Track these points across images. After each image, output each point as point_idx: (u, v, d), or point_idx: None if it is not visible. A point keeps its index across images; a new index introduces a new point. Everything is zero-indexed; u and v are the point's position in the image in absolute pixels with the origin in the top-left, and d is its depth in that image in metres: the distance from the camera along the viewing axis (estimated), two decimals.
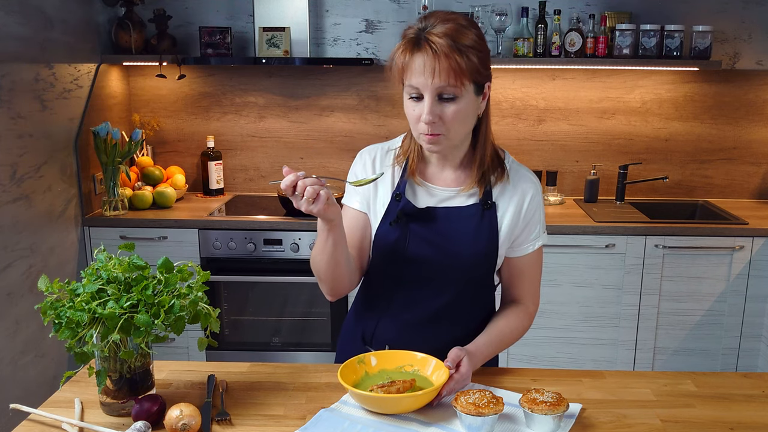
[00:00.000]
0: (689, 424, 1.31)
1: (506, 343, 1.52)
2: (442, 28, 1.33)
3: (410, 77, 1.35)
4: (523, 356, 3.02)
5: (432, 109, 1.35)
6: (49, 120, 2.72)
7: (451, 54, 1.32)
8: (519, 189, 1.50)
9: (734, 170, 3.39)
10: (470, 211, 1.47)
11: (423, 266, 1.48)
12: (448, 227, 1.47)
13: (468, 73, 1.34)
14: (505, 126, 3.40)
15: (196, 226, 2.95)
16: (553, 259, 2.91)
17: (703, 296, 2.94)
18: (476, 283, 1.54)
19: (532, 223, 1.51)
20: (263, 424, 1.30)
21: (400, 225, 1.47)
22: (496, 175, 1.49)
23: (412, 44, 1.35)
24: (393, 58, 1.39)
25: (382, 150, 1.55)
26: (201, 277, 1.37)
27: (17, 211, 2.52)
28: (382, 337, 1.54)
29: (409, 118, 1.41)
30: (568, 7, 3.22)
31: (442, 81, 1.33)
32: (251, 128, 3.46)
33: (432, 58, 1.32)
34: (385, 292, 1.55)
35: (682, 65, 3.11)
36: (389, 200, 1.50)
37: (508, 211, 1.49)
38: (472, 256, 1.47)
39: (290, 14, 3.17)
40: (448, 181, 1.51)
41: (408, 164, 1.51)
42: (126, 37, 3.17)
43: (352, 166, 1.58)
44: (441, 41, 1.32)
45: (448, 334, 1.51)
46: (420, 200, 1.50)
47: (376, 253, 1.52)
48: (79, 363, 1.28)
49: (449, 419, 1.30)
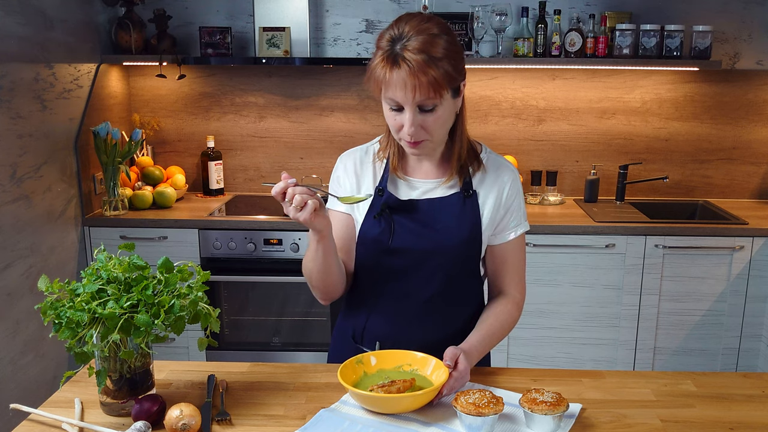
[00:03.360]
0: (689, 424, 1.31)
1: (498, 337, 1.54)
2: (416, 43, 1.33)
3: (389, 91, 1.36)
4: (523, 356, 3.02)
5: (413, 121, 1.37)
6: (49, 120, 2.72)
7: (428, 70, 1.32)
8: (498, 177, 1.54)
9: (734, 170, 3.39)
10: (452, 200, 1.50)
11: (409, 256, 1.50)
12: (432, 217, 1.50)
13: (445, 84, 1.35)
14: (505, 126, 3.40)
15: (196, 226, 2.95)
16: (553, 259, 2.91)
17: (703, 296, 2.94)
18: (463, 273, 1.55)
19: (512, 210, 1.54)
20: (263, 424, 1.30)
21: (384, 218, 1.50)
22: (473, 167, 1.53)
23: (388, 61, 1.35)
24: (371, 71, 1.39)
25: (362, 152, 1.58)
26: (201, 277, 1.37)
27: (17, 211, 2.52)
28: (372, 334, 1.55)
29: (391, 126, 1.43)
30: (568, 7, 3.22)
31: (422, 96, 1.34)
32: (251, 128, 3.46)
33: (409, 75, 1.32)
34: (373, 287, 1.56)
35: (682, 65, 3.11)
36: (372, 195, 1.52)
37: (489, 198, 1.52)
38: (456, 242, 1.49)
39: (290, 14, 3.17)
40: (428, 173, 1.54)
41: (389, 160, 1.53)
42: (126, 37, 3.17)
43: (334, 171, 1.61)
44: (417, 58, 1.32)
45: (439, 328, 1.53)
46: (402, 193, 1.53)
47: (361, 249, 1.55)
48: (79, 363, 1.28)
49: (449, 419, 1.30)
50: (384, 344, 1.51)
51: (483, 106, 3.38)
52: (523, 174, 3.35)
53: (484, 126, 3.39)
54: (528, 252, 2.88)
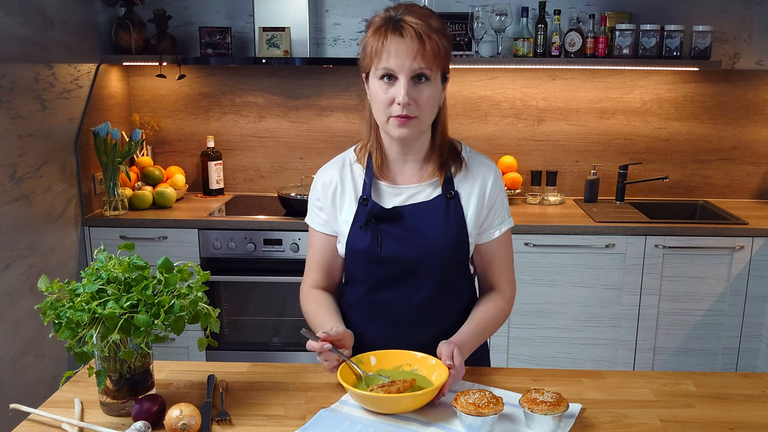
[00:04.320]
0: (689, 424, 1.31)
1: (489, 330, 1.55)
2: (415, 15, 1.38)
3: (386, 59, 1.38)
4: (523, 356, 3.02)
5: (408, 89, 1.38)
6: (49, 120, 2.72)
7: (431, 36, 1.36)
8: (479, 175, 1.54)
9: (734, 170, 3.39)
10: (435, 203, 1.51)
11: (399, 264, 1.50)
12: (417, 222, 1.50)
13: (442, 58, 1.39)
14: (505, 126, 3.40)
15: (196, 226, 2.95)
16: (553, 259, 2.91)
17: (703, 296, 2.94)
18: (454, 274, 1.56)
19: (496, 208, 1.55)
20: (263, 424, 1.30)
21: (371, 227, 1.49)
22: (455, 166, 1.54)
23: (387, 28, 1.38)
24: (365, 43, 1.42)
25: (338, 164, 1.58)
26: (201, 277, 1.37)
27: (17, 211, 2.52)
28: (368, 341, 1.55)
29: (379, 101, 1.42)
30: (568, 7, 3.22)
31: (422, 63, 1.36)
32: (251, 128, 3.46)
33: (411, 40, 1.36)
34: (366, 296, 1.56)
35: (682, 65, 3.11)
36: (356, 206, 1.52)
37: (472, 197, 1.52)
38: (444, 246, 1.50)
39: (290, 14, 3.17)
40: (411, 176, 1.54)
41: (372, 162, 1.53)
42: (126, 37, 3.17)
43: (312, 187, 1.60)
44: (420, 23, 1.37)
45: (433, 328, 1.54)
46: (386, 201, 1.52)
47: (351, 260, 1.55)
48: (79, 363, 1.28)
49: (449, 419, 1.30)
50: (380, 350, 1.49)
51: (483, 106, 3.38)
52: (523, 174, 3.35)
53: (484, 126, 3.39)
54: (528, 252, 2.90)
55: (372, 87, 1.43)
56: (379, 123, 1.47)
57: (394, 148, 1.52)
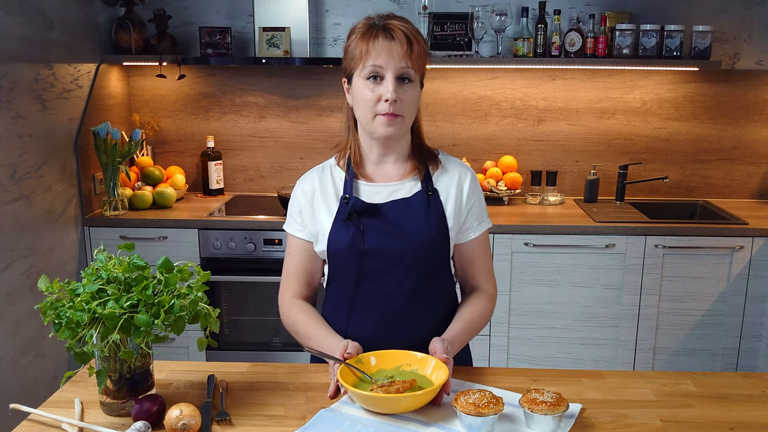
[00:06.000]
0: (689, 424, 1.31)
1: (476, 328, 1.58)
2: (400, 20, 1.47)
3: (374, 58, 1.44)
4: (523, 356, 3.02)
5: (396, 86, 1.44)
6: (49, 120, 2.72)
7: (418, 39, 1.46)
8: (455, 173, 1.59)
9: (734, 170, 3.39)
10: (416, 199, 1.55)
11: (382, 257, 1.52)
12: (399, 217, 1.53)
13: (423, 61, 1.48)
14: (505, 126, 3.40)
15: (196, 226, 2.95)
16: (553, 260, 2.91)
17: (703, 296, 2.94)
18: (436, 269, 1.58)
19: (475, 208, 1.60)
20: (263, 424, 1.30)
21: (353, 222, 1.52)
22: (432, 166, 1.59)
23: (377, 30, 1.45)
24: (350, 47, 1.49)
25: (319, 171, 1.62)
26: (201, 277, 1.37)
27: (17, 211, 2.52)
28: (354, 333, 1.54)
29: (365, 100, 1.47)
30: (568, 7, 3.22)
31: (409, 63, 1.44)
32: (251, 128, 3.46)
33: (400, 41, 1.44)
34: (351, 291, 1.57)
35: (682, 65, 3.11)
36: (338, 205, 1.55)
37: (450, 196, 1.57)
38: (427, 239, 1.53)
39: (290, 14, 3.17)
40: (390, 175, 1.58)
41: (351, 161, 1.57)
42: (126, 37, 3.17)
43: (292, 194, 1.63)
44: (407, 26, 1.46)
45: (419, 326, 1.55)
46: (367, 198, 1.56)
47: (334, 255, 1.56)
48: (79, 363, 1.28)
49: (449, 419, 1.30)
50: (367, 347, 1.48)
51: (483, 106, 3.38)
52: (523, 174, 3.35)
53: (484, 126, 3.39)
54: (528, 252, 2.90)
55: (357, 87, 1.48)
56: (364, 122, 1.51)
57: (375, 148, 1.56)
